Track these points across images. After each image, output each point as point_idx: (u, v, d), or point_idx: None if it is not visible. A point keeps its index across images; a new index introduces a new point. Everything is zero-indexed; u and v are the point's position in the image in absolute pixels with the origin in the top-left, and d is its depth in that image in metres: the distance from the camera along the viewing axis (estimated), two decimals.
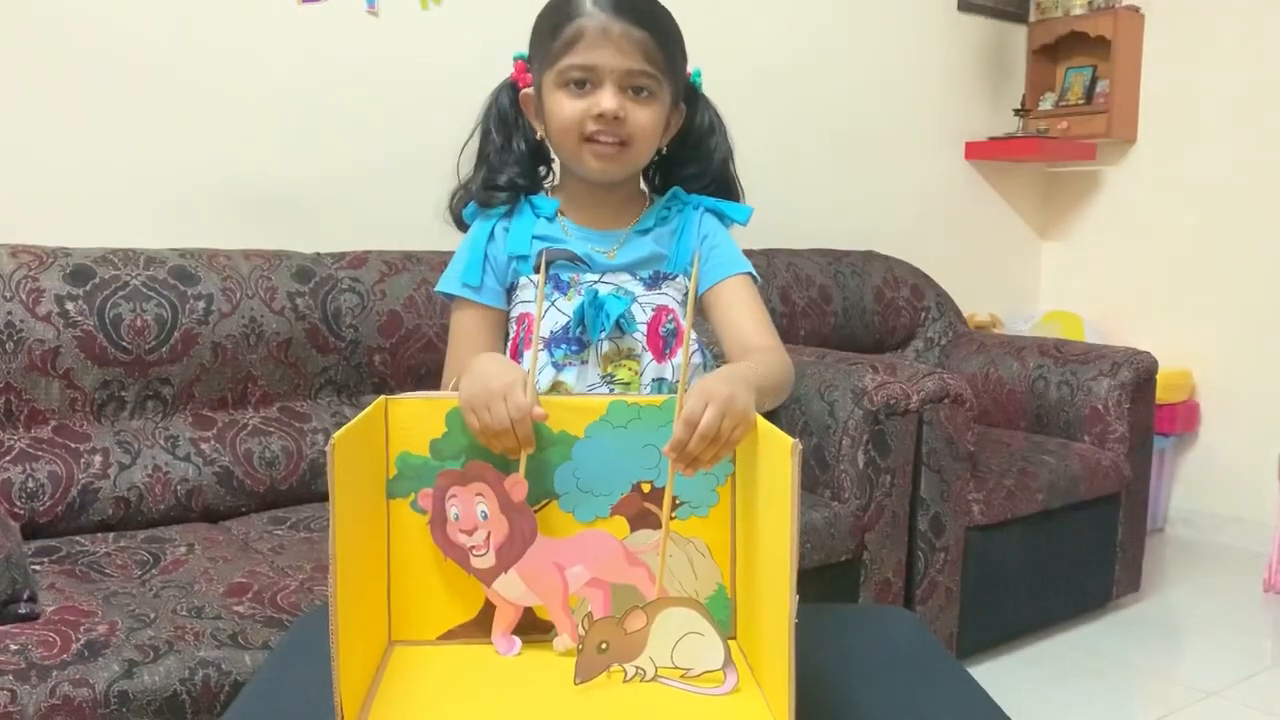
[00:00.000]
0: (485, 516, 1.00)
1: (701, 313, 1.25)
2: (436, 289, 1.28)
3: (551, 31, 1.15)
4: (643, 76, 1.15)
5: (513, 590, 1.02)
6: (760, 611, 0.94)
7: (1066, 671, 2.42)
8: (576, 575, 1.02)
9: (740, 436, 0.97)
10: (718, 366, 1.14)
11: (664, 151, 1.27)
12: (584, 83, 1.15)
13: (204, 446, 1.90)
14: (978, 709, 0.94)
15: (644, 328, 1.19)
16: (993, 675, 2.34)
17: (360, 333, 2.10)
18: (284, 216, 2.25)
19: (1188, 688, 2.34)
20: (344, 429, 0.84)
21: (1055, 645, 2.56)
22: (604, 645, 0.93)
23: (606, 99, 1.14)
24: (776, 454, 0.86)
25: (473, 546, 1.01)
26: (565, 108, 1.16)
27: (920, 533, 2.24)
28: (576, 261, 1.21)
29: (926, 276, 3.17)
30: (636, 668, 0.94)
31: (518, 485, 1.00)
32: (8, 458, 1.72)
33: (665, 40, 1.16)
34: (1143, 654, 2.53)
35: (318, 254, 2.14)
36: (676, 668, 0.95)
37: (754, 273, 1.25)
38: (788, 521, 0.82)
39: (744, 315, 1.21)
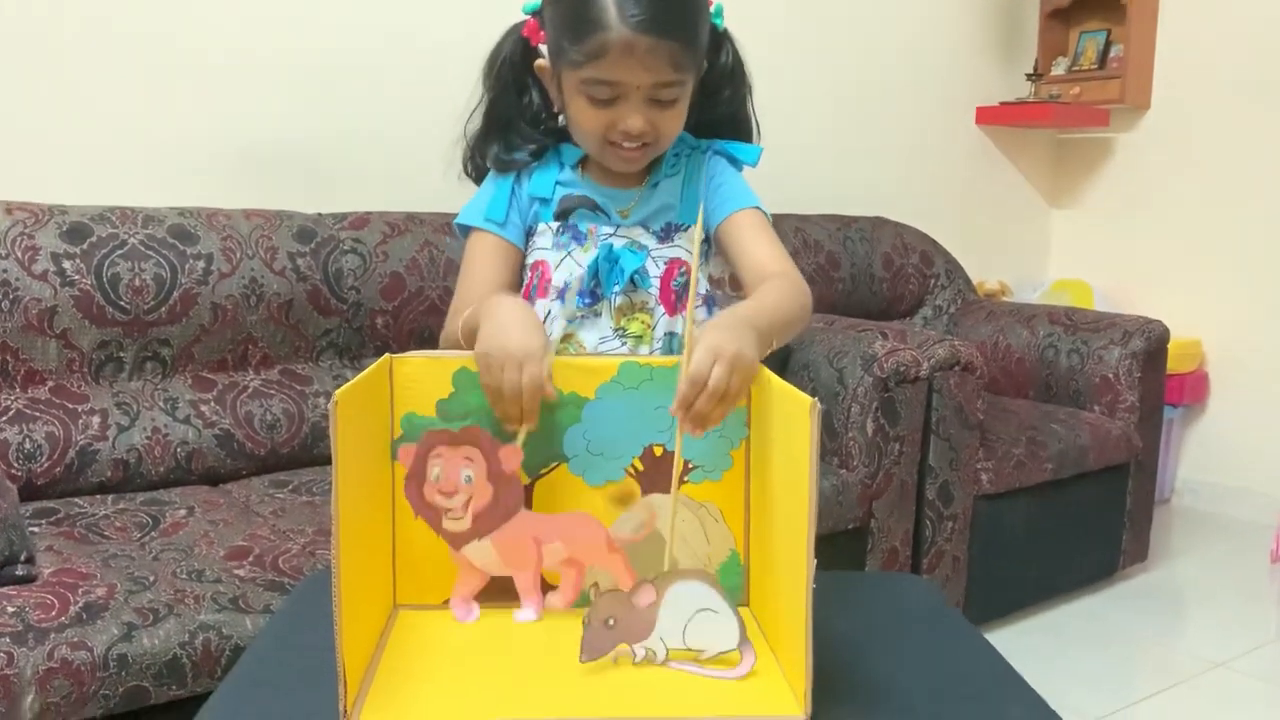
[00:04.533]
0: (469, 481, 0.96)
1: (716, 251, 1.22)
2: (456, 221, 1.23)
3: (573, 32, 1.07)
4: (668, 86, 1.09)
5: (482, 557, 0.98)
6: (775, 577, 0.92)
7: (1073, 642, 2.40)
8: (553, 552, 1.00)
9: (746, 390, 0.95)
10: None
11: None
12: (606, 94, 1.09)
13: (204, 409, 1.87)
14: (998, 676, 0.92)
15: (657, 281, 1.17)
16: (999, 645, 2.29)
17: (362, 295, 2.06)
18: (285, 176, 2.21)
19: (1194, 658, 2.32)
20: (346, 386, 0.81)
21: (1062, 615, 2.54)
22: (611, 621, 0.89)
23: (632, 119, 1.09)
24: (795, 414, 0.83)
25: (448, 509, 0.97)
26: (588, 118, 1.11)
27: (928, 501, 2.22)
28: (596, 210, 1.18)
29: (935, 243, 3.13)
30: (646, 649, 0.90)
31: (513, 456, 0.97)
32: (4, 418, 1.70)
33: (693, 37, 1.09)
34: (1149, 625, 2.52)
35: (319, 214, 2.11)
36: (689, 649, 0.90)
37: (763, 208, 1.21)
38: (805, 483, 0.80)
39: (756, 245, 1.17)
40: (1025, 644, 2.37)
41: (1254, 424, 3.32)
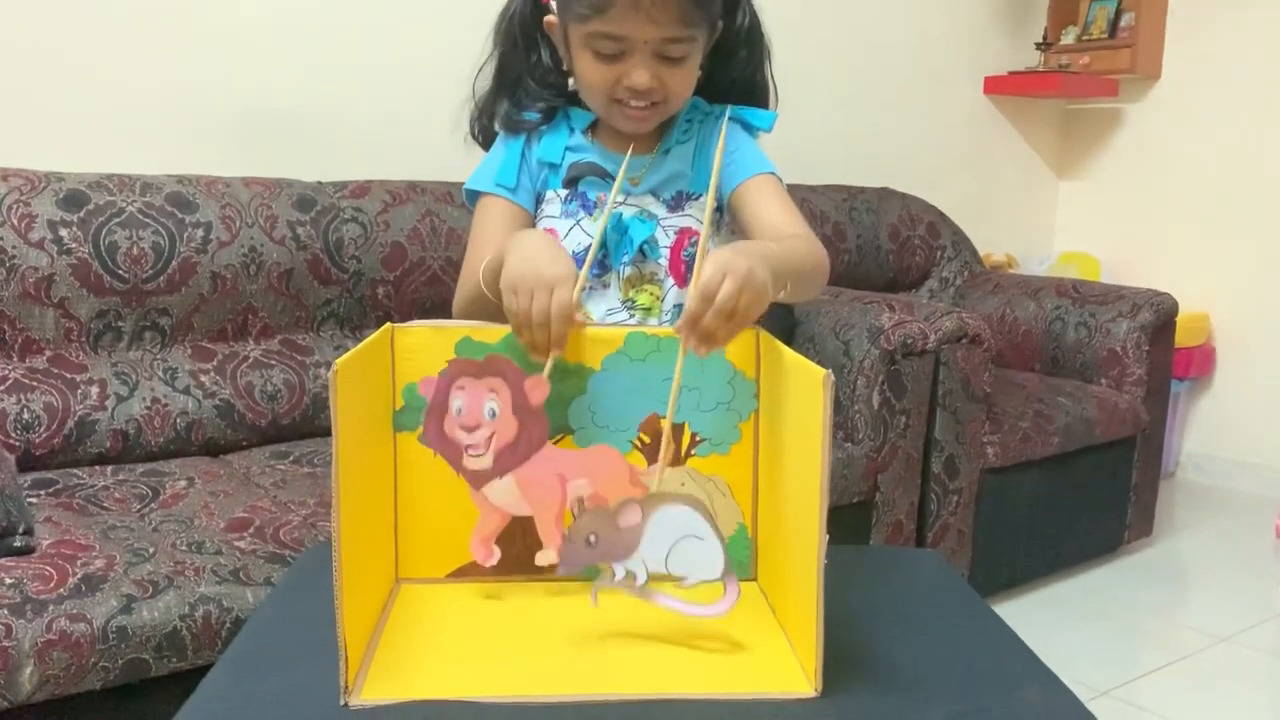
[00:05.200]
0: (493, 415, 0.92)
1: (729, 218, 1.19)
2: (466, 186, 1.20)
3: None
4: (677, 42, 1.07)
5: (503, 497, 0.95)
6: (785, 552, 0.90)
7: (1077, 616, 2.39)
8: (579, 488, 0.96)
9: (756, 314, 0.90)
10: None
11: None
12: (612, 48, 1.06)
13: (204, 379, 1.85)
14: (1012, 652, 0.90)
15: (667, 252, 1.14)
16: (1004, 617, 2.31)
17: (363, 264, 2.04)
18: (284, 143, 2.18)
19: (1200, 633, 2.31)
20: (347, 355, 0.79)
21: (1066, 589, 2.53)
22: (592, 538, 0.86)
23: (638, 74, 1.07)
24: (807, 386, 0.81)
25: (469, 445, 0.93)
26: (593, 73, 1.09)
27: (934, 475, 2.20)
28: (605, 177, 1.15)
29: (942, 214, 3.10)
30: (626, 570, 0.87)
31: (539, 387, 0.93)
32: (2, 388, 1.68)
33: None
34: (1155, 599, 2.51)
35: (319, 182, 2.08)
36: (670, 575, 0.87)
37: (778, 174, 1.18)
38: (818, 457, 0.78)
39: (771, 210, 1.14)
40: (1029, 618, 2.36)
41: (1261, 398, 3.30)
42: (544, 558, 0.96)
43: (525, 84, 1.18)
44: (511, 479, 0.94)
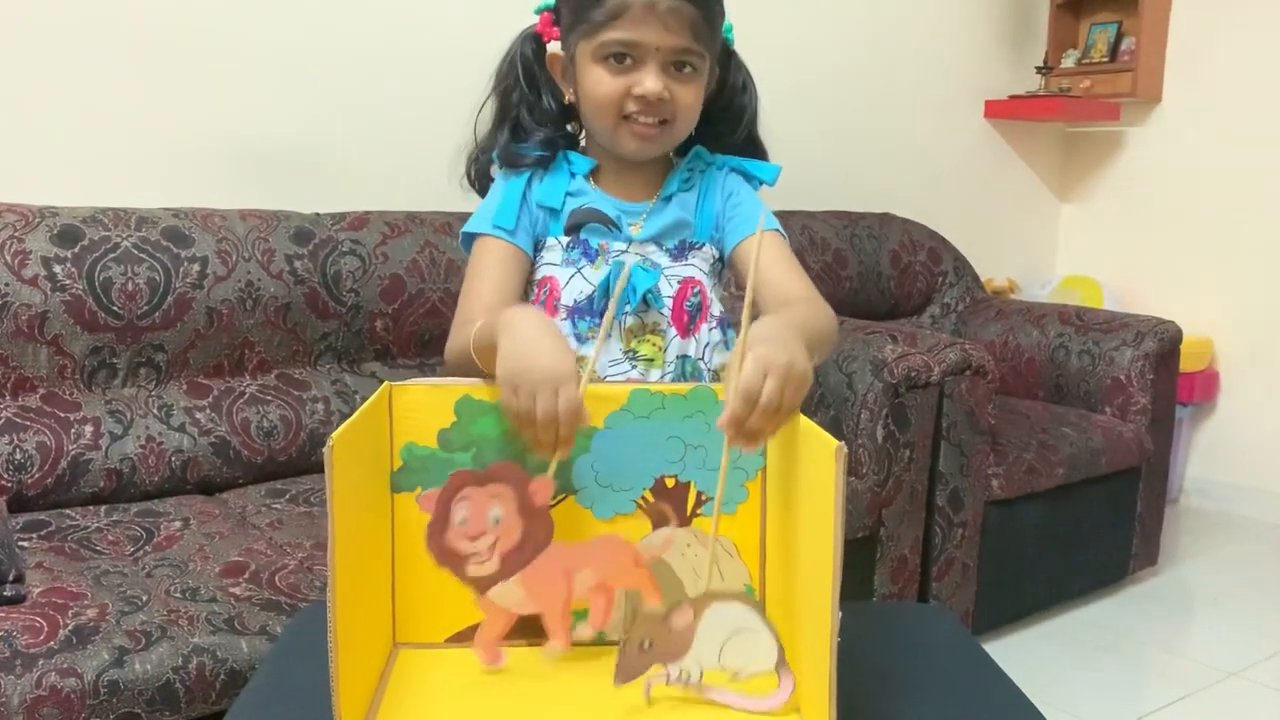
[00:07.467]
0: (497, 522, 0.90)
1: (730, 272, 1.19)
2: (464, 229, 1.18)
3: None
4: (688, 54, 1.08)
5: (509, 598, 0.92)
6: (795, 624, 0.87)
7: (1083, 650, 2.36)
8: (583, 580, 0.94)
9: (799, 404, 0.88)
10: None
11: None
12: (624, 58, 1.07)
13: (199, 416, 1.83)
14: None
15: (670, 302, 1.12)
16: (1009, 652, 2.29)
17: (361, 297, 2.01)
18: (282, 175, 2.16)
19: (1208, 667, 2.28)
20: (344, 426, 0.77)
21: (1071, 622, 2.50)
22: (647, 643, 0.85)
23: (650, 80, 1.07)
24: (818, 457, 0.79)
25: (473, 554, 0.90)
26: (604, 85, 1.08)
27: (938, 508, 2.18)
28: (608, 225, 1.13)
29: (944, 240, 3.08)
30: (681, 669, 0.86)
31: (543, 488, 0.90)
32: None
33: (711, 11, 1.09)
34: (1161, 631, 2.48)
35: (317, 214, 2.06)
36: (724, 669, 0.86)
37: (783, 231, 1.17)
38: (830, 531, 0.75)
39: (776, 269, 1.13)
40: (1035, 652, 2.34)
41: (1265, 423, 3.28)
42: (551, 650, 0.93)
43: (525, 121, 1.17)
44: (517, 579, 0.91)
